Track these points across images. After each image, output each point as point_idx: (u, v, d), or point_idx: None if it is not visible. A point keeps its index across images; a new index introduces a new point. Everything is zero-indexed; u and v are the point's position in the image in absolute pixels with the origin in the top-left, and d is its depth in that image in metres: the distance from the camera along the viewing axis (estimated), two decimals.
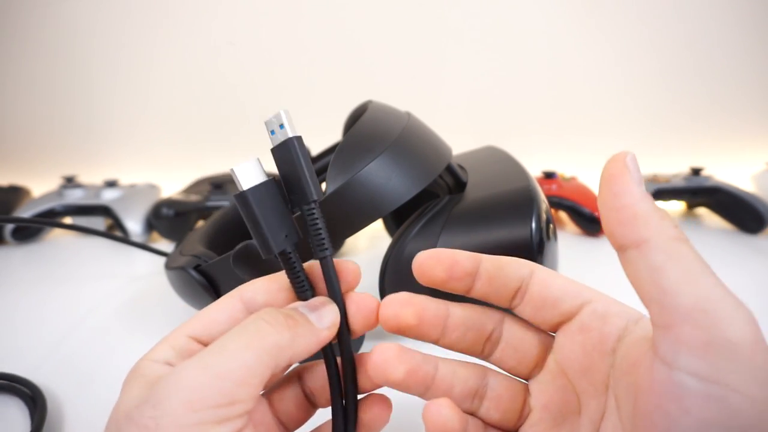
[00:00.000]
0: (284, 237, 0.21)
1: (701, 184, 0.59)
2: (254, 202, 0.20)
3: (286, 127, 0.21)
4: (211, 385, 0.17)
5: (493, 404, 0.21)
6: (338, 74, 0.73)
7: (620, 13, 0.70)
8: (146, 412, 0.16)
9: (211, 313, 0.21)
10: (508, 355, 0.21)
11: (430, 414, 0.20)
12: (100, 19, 0.71)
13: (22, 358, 0.36)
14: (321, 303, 0.21)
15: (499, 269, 0.21)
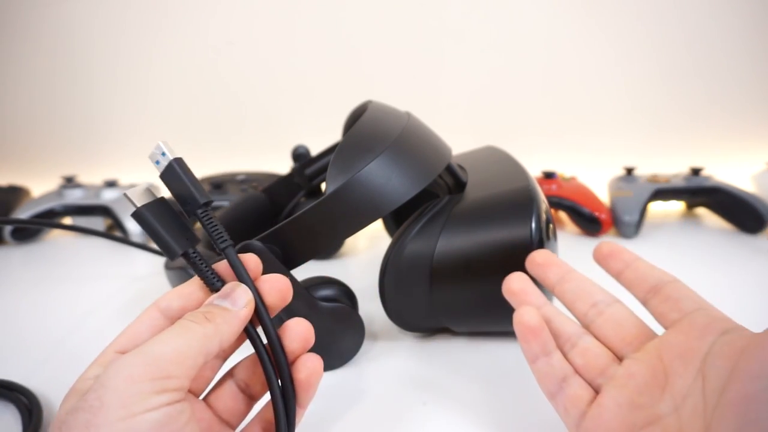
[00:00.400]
0: (185, 240, 0.23)
1: (701, 184, 0.59)
2: (150, 215, 0.23)
3: (167, 153, 0.24)
4: (146, 363, 0.19)
5: (581, 351, 0.25)
6: (338, 74, 0.73)
7: (620, 14, 0.70)
8: (90, 396, 0.18)
9: (134, 327, 0.23)
10: (609, 326, 0.25)
11: (517, 312, 0.25)
12: (99, 20, 0.72)
13: (20, 363, 0.36)
14: (231, 288, 0.23)
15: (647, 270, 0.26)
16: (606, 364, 0.24)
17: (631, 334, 0.24)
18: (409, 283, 0.34)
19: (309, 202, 0.51)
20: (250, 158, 0.71)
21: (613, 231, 0.58)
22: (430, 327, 0.37)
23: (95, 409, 0.18)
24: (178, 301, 0.23)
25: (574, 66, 0.72)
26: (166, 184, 0.24)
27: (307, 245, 0.31)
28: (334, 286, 0.34)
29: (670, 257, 0.52)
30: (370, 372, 0.34)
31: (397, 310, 0.35)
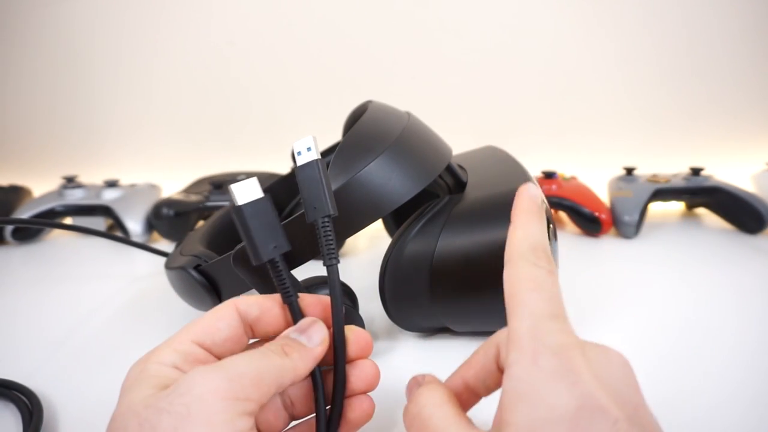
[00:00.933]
0: (273, 248, 0.24)
1: (701, 184, 0.59)
2: (248, 215, 0.23)
3: (314, 150, 0.24)
4: (231, 380, 0.19)
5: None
6: (338, 74, 0.73)
7: (620, 14, 0.70)
8: (175, 400, 0.18)
9: (212, 321, 0.23)
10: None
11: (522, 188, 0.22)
12: (100, 20, 0.72)
13: (21, 362, 0.36)
14: (308, 323, 0.23)
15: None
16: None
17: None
18: (409, 283, 0.34)
19: None
20: (250, 158, 0.71)
21: (613, 231, 0.58)
22: (430, 327, 0.37)
23: (182, 416, 0.18)
24: (257, 310, 0.24)
25: (575, 66, 0.72)
26: (298, 177, 0.24)
27: (307, 245, 0.31)
28: None
29: (670, 257, 0.52)
30: None
31: (397, 310, 0.35)
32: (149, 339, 0.38)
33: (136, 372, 0.21)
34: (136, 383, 0.20)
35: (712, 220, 0.61)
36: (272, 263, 0.23)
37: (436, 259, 0.33)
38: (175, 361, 0.21)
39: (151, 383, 0.20)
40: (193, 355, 0.22)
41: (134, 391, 0.20)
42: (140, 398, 0.19)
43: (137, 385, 0.20)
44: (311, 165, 0.24)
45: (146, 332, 0.40)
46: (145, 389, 0.19)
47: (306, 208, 0.24)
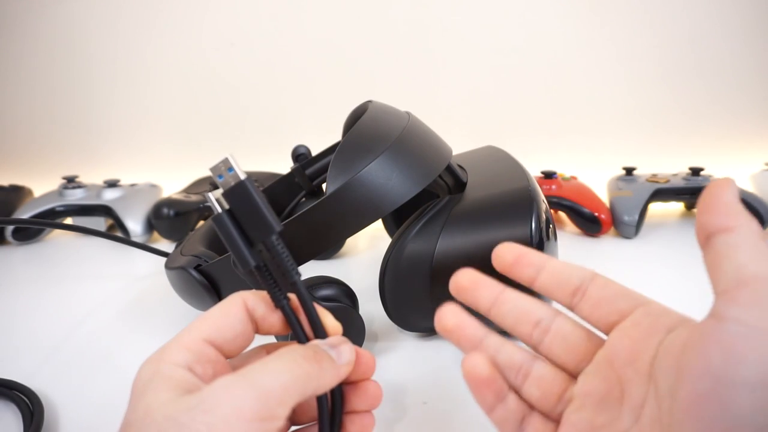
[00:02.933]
0: (259, 252, 0.22)
1: (700, 184, 0.59)
2: (230, 223, 0.22)
3: (237, 170, 0.22)
4: (258, 398, 0.19)
5: (535, 383, 0.22)
6: (338, 74, 0.73)
7: (620, 14, 0.70)
8: (197, 416, 0.18)
9: (221, 317, 0.22)
10: (557, 345, 0.22)
11: (465, 362, 0.22)
12: (99, 19, 0.72)
13: (21, 362, 0.36)
14: (339, 342, 0.23)
15: (565, 270, 0.23)
16: (562, 389, 0.22)
17: (581, 349, 0.22)
18: (409, 283, 0.34)
19: (309, 203, 0.51)
20: (250, 158, 0.71)
21: (613, 231, 0.58)
22: (430, 327, 0.37)
23: None
24: (263, 308, 0.23)
25: (575, 66, 0.72)
26: (230, 204, 0.22)
27: (307, 245, 0.31)
28: (334, 286, 0.34)
29: (670, 257, 0.52)
30: None
31: (397, 310, 0.35)
32: (149, 339, 0.39)
33: (149, 373, 0.20)
34: (151, 385, 0.19)
35: None
36: (260, 268, 0.23)
37: (436, 259, 0.33)
38: (188, 362, 0.20)
39: (167, 385, 0.19)
40: (206, 355, 0.21)
41: (150, 394, 0.19)
42: (159, 404, 0.19)
43: (153, 388, 0.19)
44: (240, 186, 0.22)
45: (146, 332, 0.40)
46: (163, 393, 0.19)
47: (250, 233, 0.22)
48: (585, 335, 0.22)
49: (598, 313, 0.22)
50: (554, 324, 0.23)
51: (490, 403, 0.22)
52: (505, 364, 0.22)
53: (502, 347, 0.23)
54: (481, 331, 0.23)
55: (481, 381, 0.21)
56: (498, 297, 0.23)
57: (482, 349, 0.23)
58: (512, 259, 0.23)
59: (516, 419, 0.22)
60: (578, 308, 0.22)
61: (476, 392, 0.22)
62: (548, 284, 0.23)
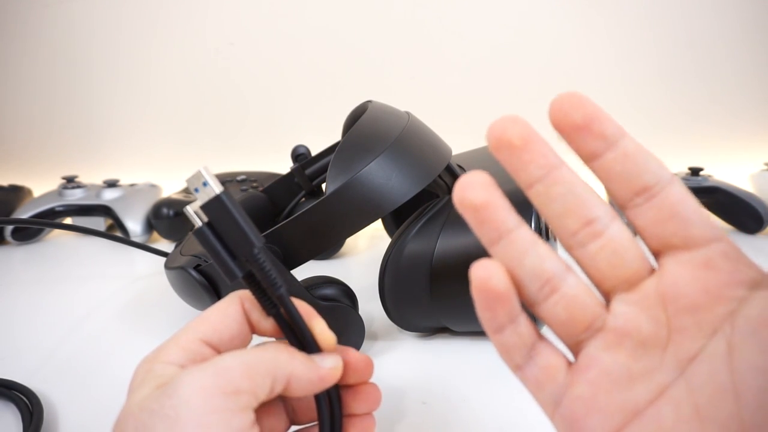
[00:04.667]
0: (245, 261, 0.22)
1: (700, 184, 0.59)
2: (212, 235, 0.21)
3: (211, 184, 0.21)
4: (217, 374, 0.19)
5: (564, 301, 0.18)
6: (338, 74, 0.73)
7: (620, 14, 0.70)
8: (165, 402, 0.18)
9: (219, 317, 0.22)
10: (605, 256, 0.18)
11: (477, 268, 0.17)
12: (99, 20, 0.72)
13: (21, 362, 0.36)
14: (327, 353, 0.22)
15: (641, 155, 0.17)
16: (594, 315, 0.18)
17: (632, 271, 0.18)
18: (409, 283, 0.34)
19: (309, 202, 0.51)
20: (250, 158, 0.71)
21: None
22: (430, 327, 0.37)
23: (172, 420, 0.18)
24: (258, 312, 0.23)
25: (574, 66, 0.72)
26: (209, 218, 0.21)
27: (307, 245, 0.31)
28: (334, 286, 0.34)
29: None
30: None
31: (397, 310, 0.35)
32: (149, 339, 0.39)
33: (143, 371, 0.20)
34: (140, 381, 0.20)
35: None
36: (248, 278, 0.22)
37: (436, 259, 0.33)
38: (182, 360, 0.21)
39: (153, 383, 0.19)
40: (201, 354, 0.21)
41: (137, 389, 0.19)
42: (139, 399, 0.19)
43: (140, 384, 0.20)
44: (216, 201, 0.21)
45: (146, 332, 0.40)
46: (146, 389, 0.19)
47: (231, 247, 0.21)
48: (639, 255, 0.18)
49: (659, 227, 0.17)
50: (610, 229, 0.18)
51: (500, 323, 0.18)
52: (530, 271, 0.18)
53: (533, 247, 0.18)
54: (513, 219, 0.18)
55: (495, 296, 0.17)
56: (552, 171, 0.18)
57: (508, 243, 0.18)
58: (581, 120, 0.18)
59: (526, 345, 0.18)
60: (636, 212, 0.18)
61: (485, 308, 0.18)
62: (613, 168, 0.18)
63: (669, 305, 0.17)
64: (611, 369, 0.17)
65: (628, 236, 0.18)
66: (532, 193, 0.18)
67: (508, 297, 0.17)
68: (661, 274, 0.17)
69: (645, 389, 0.17)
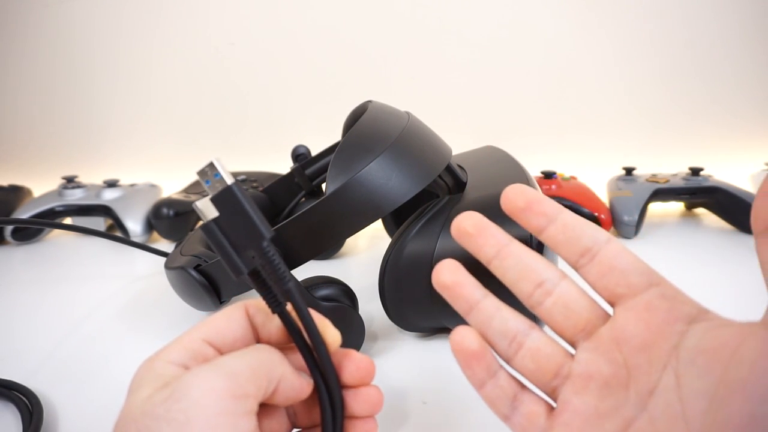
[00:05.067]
0: (252, 258, 0.22)
1: (700, 184, 0.59)
2: (220, 230, 0.21)
3: (223, 175, 0.21)
4: (227, 376, 0.19)
5: (530, 354, 0.21)
6: (338, 74, 0.73)
7: (620, 14, 0.70)
8: (172, 406, 0.18)
9: (223, 320, 0.23)
10: (559, 310, 0.21)
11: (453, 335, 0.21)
12: (99, 20, 0.72)
13: (21, 362, 0.36)
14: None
15: (578, 224, 0.21)
16: (558, 364, 0.21)
17: (583, 319, 0.21)
18: (409, 283, 0.34)
19: (309, 202, 0.51)
20: (250, 158, 0.71)
21: (613, 231, 0.58)
22: (430, 327, 0.37)
23: (181, 424, 0.17)
24: (263, 317, 0.23)
25: (574, 66, 0.72)
26: (218, 209, 0.21)
27: (307, 245, 0.31)
28: (334, 286, 0.34)
29: (670, 257, 0.52)
30: None
31: (397, 310, 0.35)
32: (149, 339, 0.39)
33: (143, 371, 0.20)
34: (140, 381, 0.20)
35: (712, 220, 0.61)
36: (254, 274, 0.22)
37: (436, 259, 0.33)
38: (184, 359, 0.21)
39: (154, 383, 0.19)
40: (203, 354, 0.21)
41: (138, 390, 0.19)
42: (139, 401, 0.19)
43: (141, 383, 0.19)
44: (227, 192, 0.21)
45: (146, 332, 0.40)
46: (146, 390, 0.19)
47: (240, 240, 0.22)
48: (589, 305, 0.21)
49: (605, 281, 0.20)
50: (559, 287, 0.21)
51: (481, 379, 0.21)
52: (498, 331, 0.21)
53: (498, 312, 0.21)
54: (479, 292, 0.22)
55: (470, 354, 0.21)
56: (503, 249, 0.22)
57: (478, 311, 0.22)
58: (523, 204, 0.21)
59: (508, 396, 0.21)
60: (584, 270, 0.21)
61: (465, 366, 0.21)
62: (557, 238, 0.21)
63: (623, 347, 0.19)
64: (581, 410, 0.19)
65: (577, 291, 0.21)
66: (492, 267, 0.22)
67: (483, 354, 0.21)
68: (613, 321, 0.20)
69: (613, 425, 0.19)
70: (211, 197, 0.21)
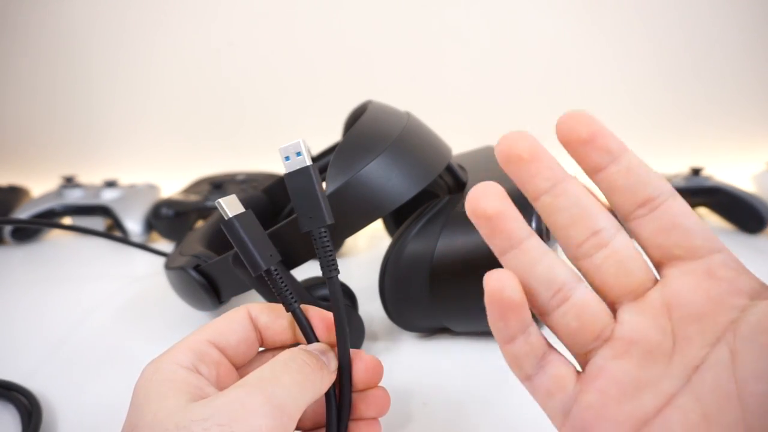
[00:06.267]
0: (269, 256, 0.23)
1: (701, 184, 0.59)
2: (240, 227, 0.23)
3: (304, 154, 0.23)
4: (273, 415, 0.18)
5: (575, 310, 0.18)
6: (338, 74, 0.73)
7: (620, 14, 0.70)
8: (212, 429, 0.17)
9: (226, 322, 0.23)
10: (611, 265, 0.18)
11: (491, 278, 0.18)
12: (99, 19, 0.71)
13: (20, 363, 0.36)
14: (326, 349, 0.23)
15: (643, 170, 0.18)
16: (604, 324, 0.18)
17: (637, 280, 0.18)
18: (409, 283, 0.34)
19: None
20: (250, 158, 0.71)
21: None
22: (430, 327, 0.37)
23: None
24: (266, 319, 0.24)
25: (574, 66, 0.72)
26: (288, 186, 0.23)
27: (307, 245, 0.31)
28: None
29: None
30: None
31: (397, 310, 0.35)
32: (149, 339, 0.39)
33: (150, 372, 0.20)
34: (155, 387, 0.19)
35: (712, 220, 0.61)
36: (269, 273, 0.23)
37: (436, 259, 0.33)
38: (193, 362, 0.20)
39: (174, 390, 0.19)
40: (209, 356, 0.21)
41: (157, 398, 0.18)
42: (168, 410, 0.18)
43: (159, 391, 0.19)
44: (303, 172, 0.23)
45: (146, 332, 0.40)
46: (171, 398, 0.18)
47: (300, 217, 0.23)
48: (644, 266, 0.19)
49: (663, 238, 0.18)
50: (615, 240, 0.18)
51: (512, 333, 0.18)
52: (542, 279, 0.18)
53: (544, 257, 0.18)
54: (525, 229, 0.19)
55: (509, 305, 0.18)
56: (559, 183, 0.19)
57: (520, 252, 0.18)
58: (587, 135, 0.18)
59: (537, 355, 0.19)
60: (639, 223, 0.18)
61: (499, 318, 0.18)
62: (617, 181, 0.18)
63: (673, 314, 0.17)
64: (620, 378, 0.17)
65: (633, 247, 0.18)
66: (539, 204, 0.19)
67: (521, 307, 0.18)
68: (664, 284, 0.18)
69: (653, 397, 0.17)
70: (286, 172, 0.23)
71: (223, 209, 0.23)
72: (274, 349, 0.25)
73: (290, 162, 0.23)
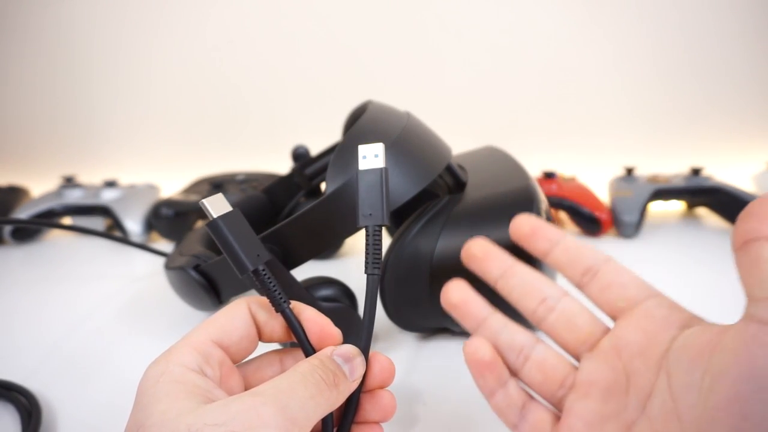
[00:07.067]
0: (257, 256, 0.23)
1: (701, 184, 0.59)
2: (225, 227, 0.22)
3: (381, 158, 0.25)
4: (285, 428, 0.19)
5: (536, 365, 0.22)
6: (338, 74, 0.73)
7: (620, 14, 0.70)
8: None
9: (228, 319, 0.23)
10: (562, 324, 0.22)
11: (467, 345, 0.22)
12: (99, 19, 0.71)
13: (19, 362, 0.36)
14: (353, 354, 0.23)
15: (579, 247, 0.23)
16: (564, 374, 0.22)
17: (585, 332, 0.22)
18: (409, 283, 0.34)
19: (309, 202, 0.51)
20: (250, 158, 0.71)
21: (613, 231, 0.58)
22: (430, 327, 0.37)
23: None
24: (265, 315, 0.24)
25: (575, 66, 0.72)
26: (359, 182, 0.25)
27: (307, 245, 0.31)
28: (334, 286, 0.34)
29: (670, 257, 0.52)
30: None
31: (397, 310, 0.35)
32: (148, 339, 0.39)
33: (157, 373, 0.20)
34: (161, 387, 0.19)
35: (712, 220, 0.61)
36: (257, 273, 0.23)
37: (436, 259, 0.33)
38: (199, 363, 0.21)
39: (182, 391, 0.19)
40: (213, 356, 0.21)
41: (165, 399, 0.19)
42: (177, 412, 0.18)
43: (166, 392, 0.19)
44: (376, 172, 0.25)
45: (146, 332, 0.40)
46: (180, 400, 0.18)
47: (360, 212, 0.24)
48: (590, 319, 0.22)
49: (606, 296, 0.22)
50: (561, 303, 0.23)
51: (492, 388, 0.22)
52: (506, 345, 0.23)
53: (505, 327, 0.23)
54: (485, 310, 0.23)
55: (483, 365, 0.22)
56: (507, 270, 0.23)
57: (485, 327, 0.23)
58: (529, 231, 0.23)
59: (517, 405, 0.22)
60: (587, 288, 0.22)
61: (477, 376, 0.22)
62: (561, 259, 0.23)
63: (622, 354, 0.21)
64: (584, 414, 0.21)
65: (578, 306, 0.23)
66: (498, 287, 0.24)
67: (494, 364, 0.22)
68: (613, 331, 0.21)
69: (615, 427, 0.20)
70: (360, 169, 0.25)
71: (208, 210, 0.22)
72: (281, 349, 0.25)
73: (366, 161, 0.25)
